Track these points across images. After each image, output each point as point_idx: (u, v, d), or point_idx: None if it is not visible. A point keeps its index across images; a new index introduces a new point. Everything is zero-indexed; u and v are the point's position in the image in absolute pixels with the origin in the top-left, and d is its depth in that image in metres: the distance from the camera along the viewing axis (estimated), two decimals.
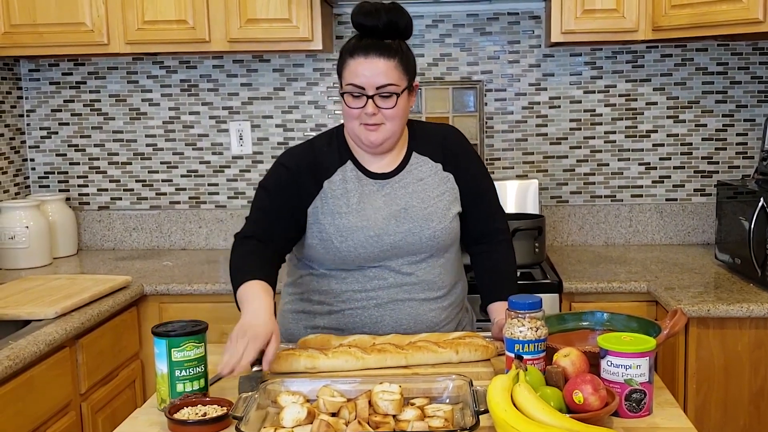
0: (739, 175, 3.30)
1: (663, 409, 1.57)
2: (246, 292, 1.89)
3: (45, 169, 3.51)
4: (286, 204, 2.01)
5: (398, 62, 1.92)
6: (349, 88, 1.92)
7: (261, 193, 2.06)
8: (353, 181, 2.01)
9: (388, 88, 1.90)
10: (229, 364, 1.65)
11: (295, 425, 1.43)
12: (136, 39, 3.01)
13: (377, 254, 1.97)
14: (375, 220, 1.97)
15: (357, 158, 2.03)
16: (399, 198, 2.00)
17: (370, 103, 1.90)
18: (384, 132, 1.95)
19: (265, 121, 3.43)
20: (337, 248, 1.97)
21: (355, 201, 1.98)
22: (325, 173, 2.01)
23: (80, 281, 2.70)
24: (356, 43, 1.93)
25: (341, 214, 1.98)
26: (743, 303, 2.38)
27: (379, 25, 1.90)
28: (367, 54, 1.89)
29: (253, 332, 1.71)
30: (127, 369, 2.70)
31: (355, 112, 1.94)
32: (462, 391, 1.56)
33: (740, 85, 3.28)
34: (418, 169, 2.03)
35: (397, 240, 1.97)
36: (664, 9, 2.81)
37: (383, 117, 1.93)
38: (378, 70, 1.89)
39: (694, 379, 2.44)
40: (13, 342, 2.09)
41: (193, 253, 3.39)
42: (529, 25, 3.31)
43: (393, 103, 1.92)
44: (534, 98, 3.35)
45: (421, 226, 1.97)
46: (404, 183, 2.02)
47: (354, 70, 1.91)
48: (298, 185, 2.00)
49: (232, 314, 2.78)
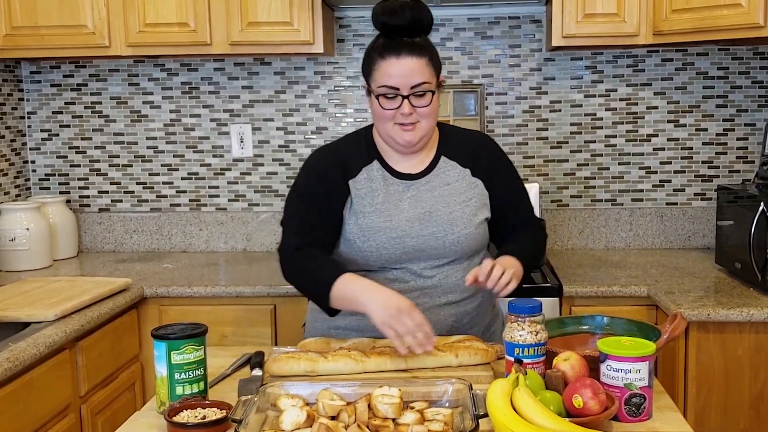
0: (739, 179, 3.30)
1: (663, 414, 1.57)
2: (347, 284, 1.86)
3: (46, 171, 3.51)
4: (323, 210, 2.00)
5: (428, 60, 1.91)
6: (382, 89, 1.90)
7: (296, 201, 2.03)
8: (378, 181, 2.00)
9: (422, 87, 1.90)
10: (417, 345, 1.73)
11: (294, 428, 1.43)
12: (138, 41, 3.01)
13: (399, 255, 1.97)
14: (399, 221, 1.96)
15: (384, 158, 2.03)
16: (424, 201, 1.99)
17: (406, 103, 1.89)
18: (419, 131, 1.95)
19: (266, 123, 3.43)
20: (359, 248, 1.97)
21: (379, 201, 1.98)
22: (350, 173, 2.01)
23: (80, 283, 2.70)
24: (385, 42, 1.91)
25: (365, 213, 1.97)
26: (743, 307, 2.38)
27: (404, 23, 1.88)
28: (399, 54, 1.88)
29: (405, 304, 1.77)
30: (127, 371, 2.70)
31: (389, 114, 1.92)
32: (462, 395, 1.55)
33: (741, 89, 3.28)
34: (445, 173, 2.02)
35: (419, 243, 1.96)
36: (665, 13, 2.81)
37: (418, 116, 1.93)
38: (411, 70, 1.88)
39: (694, 383, 2.44)
40: (12, 344, 2.09)
41: (194, 256, 3.39)
42: (530, 29, 3.32)
43: (428, 101, 1.91)
44: (535, 102, 3.35)
45: (444, 231, 1.96)
46: (431, 186, 2.00)
47: (386, 71, 1.89)
48: (328, 189, 2.00)
49: (231, 317, 2.81)
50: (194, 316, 2.58)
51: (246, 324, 2.80)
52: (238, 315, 2.80)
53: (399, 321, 1.74)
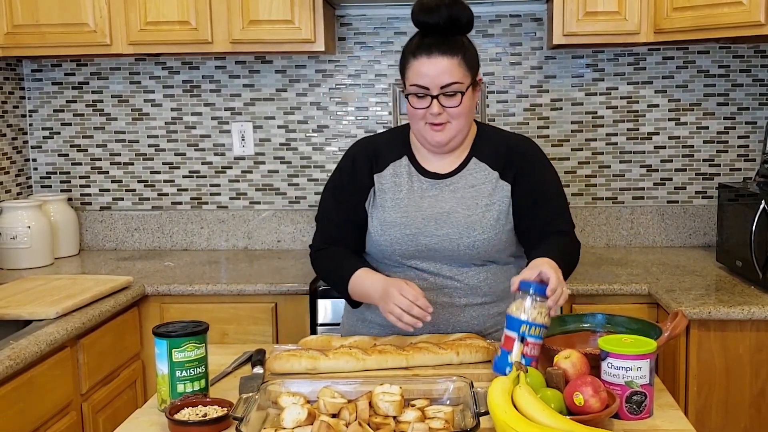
0: (740, 177, 3.30)
1: (664, 411, 1.57)
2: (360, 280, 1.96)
3: (47, 170, 3.52)
4: (347, 206, 2.05)
5: (461, 59, 1.89)
6: (413, 88, 1.91)
7: (327, 197, 2.10)
8: (404, 177, 2.01)
9: (452, 87, 1.88)
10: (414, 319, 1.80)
11: (295, 426, 1.43)
12: (139, 40, 3.01)
13: (412, 253, 1.97)
14: (415, 218, 1.96)
15: (415, 155, 2.04)
16: (445, 201, 1.98)
17: (435, 102, 1.89)
18: (450, 131, 1.94)
19: (267, 122, 3.43)
20: (377, 242, 2.00)
21: (400, 197, 1.99)
22: (378, 167, 2.03)
23: (81, 281, 2.71)
24: (418, 42, 1.90)
25: (385, 208, 1.99)
26: (744, 305, 2.38)
27: (440, 21, 1.87)
28: (430, 53, 1.87)
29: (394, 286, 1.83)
30: (128, 369, 2.70)
31: (420, 113, 1.93)
32: (462, 393, 1.56)
33: (742, 87, 3.28)
34: (472, 175, 2.00)
35: (432, 243, 1.95)
36: (666, 12, 2.81)
37: (448, 116, 1.92)
38: (441, 69, 1.87)
39: (695, 381, 2.44)
40: (14, 342, 2.10)
41: (195, 254, 3.39)
42: (531, 28, 3.32)
43: (458, 102, 1.90)
44: (536, 100, 3.35)
45: (460, 234, 1.94)
46: (454, 187, 1.99)
47: (417, 70, 1.89)
48: (354, 184, 2.04)
49: (232, 315, 2.81)
50: (195, 314, 2.59)
51: (247, 322, 2.80)
52: (239, 313, 2.80)
53: (393, 304, 1.82)
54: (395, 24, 3.34)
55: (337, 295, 2.71)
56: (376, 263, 2.05)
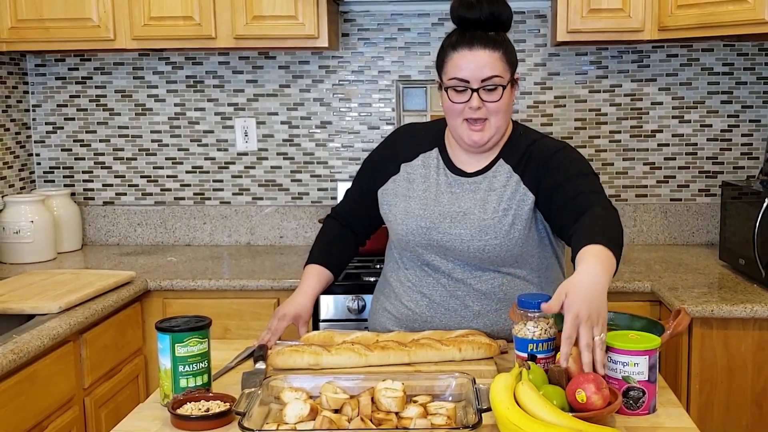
0: (744, 175, 3.30)
1: (666, 409, 1.57)
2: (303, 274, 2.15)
3: (50, 164, 3.52)
4: (364, 187, 2.14)
5: (503, 54, 1.86)
6: (452, 82, 1.87)
7: (357, 174, 2.21)
8: (431, 169, 2.01)
9: (493, 80, 1.85)
10: (263, 338, 1.96)
11: (297, 421, 1.44)
12: (143, 35, 3.01)
13: (425, 244, 1.97)
14: (432, 212, 1.96)
15: (447, 149, 2.03)
16: (463, 201, 1.95)
17: (475, 96, 1.85)
18: (489, 130, 1.90)
19: (270, 117, 3.43)
20: (395, 230, 2.02)
21: (422, 188, 2.00)
22: (407, 157, 2.05)
23: (84, 276, 2.71)
24: (459, 36, 1.88)
25: (407, 197, 2.00)
26: (747, 304, 2.38)
27: (481, 17, 1.85)
28: (472, 46, 1.84)
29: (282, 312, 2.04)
30: (131, 364, 2.71)
31: (458, 107, 1.88)
32: (465, 389, 1.56)
33: (746, 85, 3.27)
34: (496, 178, 1.95)
35: (444, 240, 1.94)
36: (670, 9, 2.81)
37: (487, 111, 1.87)
38: (483, 62, 1.84)
39: (697, 379, 2.44)
40: (17, 336, 2.10)
41: (198, 249, 3.39)
42: (535, 24, 3.31)
43: (498, 96, 1.86)
44: (539, 97, 3.35)
45: (472, 236, 1.91)
46: (476, 188, 1.95)
47: (458, 63, 1.85)
48: (379, 167, 2.10)
49: (235, 310, 2.82)
50: (198, 310, 2.59)
51: (249, 317, 2.80)
52: (242, 308, 2.81)
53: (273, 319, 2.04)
54: (399, 20, 3.34)
55: (339, 291, 2.73)
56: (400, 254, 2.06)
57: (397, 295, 2.05)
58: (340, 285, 2.73)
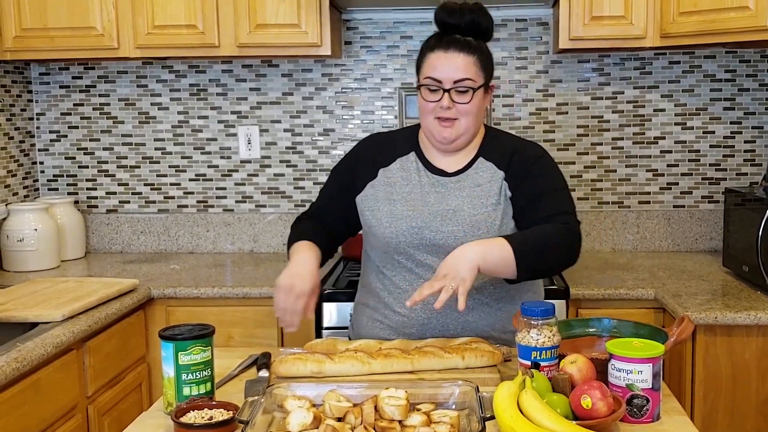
0: (746, 182, 3.30)
1: (670, 417, 1.57)
2: (293, 250, 2.04)
3: (54, 172, 3.53)
4: (340, 189, 2.12)
5: (477, 59, 1.94)
6: (427, 81, 1.95)
7: (328, 178, 2.20)
8: (411, 172, 2.04)
9: (464, 83, 1.93)
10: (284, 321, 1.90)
11: (300, 430, 1.43)
12: (146, 43, 3.02)
13: (417, 244, 1.98)
14: (422, 212, 1.98)
15: (423, 151, 2.06)
16: (451, 199, 1.99)
17: (446, 96, 1.93)
18: (457, 128, 1.97)
19: (273, 125, 3.44)
20: (381, 234, 2.01)
21: (407, 190, 2.02)
22: (384, 162, 2.07)
23: (88, 284, 2.71)
24: (437, 39, 1.97)
25: (391, 200, 2.02)
26: (751, 310, 2.38)
27: (461, 23, 1.95)
28: (447, 48, 1.93)
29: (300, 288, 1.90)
30: (134, 372, 2.71)
31: (430, 106, 1.96)
32: (468, 397, 1.55)
33: (748, 92, 3.27)
34: (479, 174, 2.01)
35: (437, 238, 1.96)
36: (672, 16, 2.81)
37: (458, 112, 1.95)
38: (456, 65, 1.92)
39: (701, 386, 2.44)
40: (20, 344, 2.10)
41: (201, 257, 3.39)
42: (537, 32, 3.32)
43: (468, 99, 1.94)
44: (541, 104, 3.35)
45: (465, 232, 1.95)
46: (461, 185, 2.01)
47: (433, 63, 1.94)
48: (355, 172, 2.10)
49: (238, 318, 2.81)
50: (201, 317, 2.58)
51: (253, 325, 2.80)
52: (245, 316, 2.81)
53: (284, 295, 1.91)
54: (401, 28, 3.35)
55: (342, 299, 2.73)
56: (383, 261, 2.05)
57: (387, 305, 2.05)
58: (343, 292, 2.73)
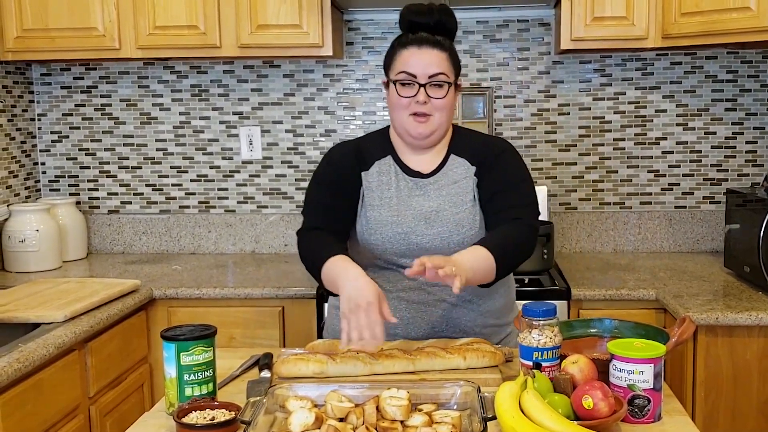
0: (748, 183, 3.30)
1: (671, 417, 1.57)
2: (334, 266, 1.85)
3: (55, 173, 3.53)
4: (337, 194, 2.04)
5: (449, 56, 1.97)
6: (401, 76, 1.96)
7: (313, 188, 2.09)
8: (389, 175, 2.03)
9: (440, 77, 1.94)
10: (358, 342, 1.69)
11: (302, 430, 1.44)
12: (148, 44, 3.03)
13: (404, 251, 1.98)
14: (405, 217, 1.98)
15: (398, 154, 2.06)
16: (432, 200, 2.00)
17: (422, 91, 1.94)
18: (432, 124, 1.98)
19: (275, 126, 3.44)
20: (366, 240, 2.00)
21: (388, 195, 2.01)
22: (364, 165, 2.06)
23: (89, 285, 2.71)
24: (408, 35, 1.98)
25: (374, 206, 2.01)
26: (752, 311, 2.38)
27: (430, 22, 1.97)
28: (421, 45, 1.96)
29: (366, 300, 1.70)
30: (136, 373, 2.71)
31: (404, 101, 1.96)
32: (470, 398, 1.56)
33: (750, 93, 3.27)
34: (453, 171, 2.03)
35: (424, 242, 1.97)
36: (674, 17, 2.81)
37: (433, 107, 1.96)
38: (431, 60, 1.95)
39: (703, 387, 2.44)
40: (22, 345, 2.10)
41: (202, 258, 3.40)
42: (539, 33, 3.32)
43: (444, 93, 1.96)
44: (543, 105, 3.35)
45: (450, 231, 1.96)
46: (439, 185, 2.01)
47: (407, 59, 1.95)
48: (342, 176, 2.05)
49: (240, 318, 2.81)
50: (203, 318, 2.59)
51: (254, 326, 2.81)
52: (247, 317, 2.81)
53: (355, 315, 1.70)
54: None
55: None
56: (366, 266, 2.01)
57: None
58: None
